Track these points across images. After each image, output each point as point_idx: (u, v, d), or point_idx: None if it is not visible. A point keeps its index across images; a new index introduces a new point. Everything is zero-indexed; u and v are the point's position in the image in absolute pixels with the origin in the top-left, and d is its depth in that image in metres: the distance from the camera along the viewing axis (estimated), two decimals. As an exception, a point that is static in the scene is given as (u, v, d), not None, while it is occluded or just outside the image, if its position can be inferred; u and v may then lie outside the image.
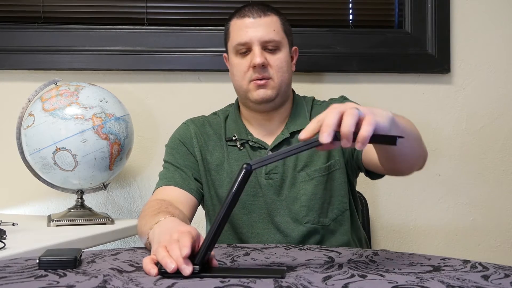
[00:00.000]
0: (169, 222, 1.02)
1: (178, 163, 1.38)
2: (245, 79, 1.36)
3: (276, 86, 1.35)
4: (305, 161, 1.37)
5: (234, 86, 1.42)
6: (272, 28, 1.35)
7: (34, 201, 1.84)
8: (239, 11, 1.39)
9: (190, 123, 1.45)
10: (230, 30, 1.39)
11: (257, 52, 1.33)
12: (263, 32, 1.34)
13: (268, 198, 1.36)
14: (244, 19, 1.36)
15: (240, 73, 1.36)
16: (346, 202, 1.39)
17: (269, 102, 1.36)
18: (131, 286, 0.79)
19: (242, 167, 0.83)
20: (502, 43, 1.91)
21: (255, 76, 1.34)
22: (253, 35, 1.34)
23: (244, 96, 1.39)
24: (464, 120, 1.91)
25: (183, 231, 0.90)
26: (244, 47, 1.35)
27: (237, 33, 1.36)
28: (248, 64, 1.35)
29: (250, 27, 1.34)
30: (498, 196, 1.92)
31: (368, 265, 0.93)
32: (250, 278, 0.82)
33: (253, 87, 1.35)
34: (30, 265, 0.91)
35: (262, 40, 1.34)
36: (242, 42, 1.35)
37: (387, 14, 1.93)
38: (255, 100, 1.36)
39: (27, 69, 1.82)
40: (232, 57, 1.39)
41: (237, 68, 1.37)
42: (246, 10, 1.37)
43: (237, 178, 0.83)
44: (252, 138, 1.39)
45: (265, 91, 1.35)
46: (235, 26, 1.38)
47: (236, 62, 1.37)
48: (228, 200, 0.83)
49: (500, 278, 0.84)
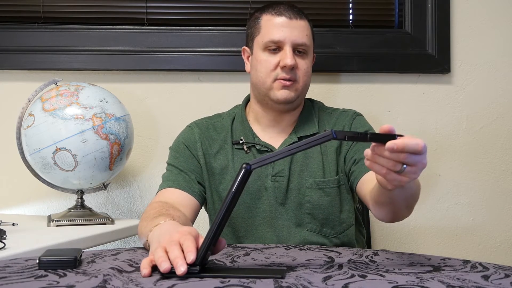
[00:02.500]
0: (169, 225, 1.02)
1: (181, 166, 1.37)
2: (270, 76, 1.35)
3: (300, 89, 1.36)
4: (315, 168, 1.36)
5: (254, 82, 1.40)
6: (305, 32, 1.36)
7: (34, 201, 1.84)
8: (273, 8, 1.38)
9: (195, 127, 1.44)
10: (262, 25, 1.37)
11: (289, 54, 1.33)
12: (298, 34, 1.34)
13: (273, 201, 1.36)
14: (280, 17, 1.35)
15: (266, 70, 1.35)
16: (352, 217, 1.39)
17: (289, 103, 1.37)
18: (131, 286, 0.79)
19: (242, 166, 0.83)
20: (502, 43, 1.91)
21: (282, 76, 1.34)
22: (288, 35, 1.33)
23: (264, 93, 1.37)
24: (464, 120, 1.91)
25: (183, 232, 0.90)
26: (276, 45, 1.34)
27: (271, 29, 1.35)
28: (276, 62, 1.34)
29: (285, 27, 1.34)
30: (498, 196, 1.92)
31: (368, 265, 0.93)
32: (250, 278, 0.82)
33: (278, 86, 1.34)
34: (30, 265, 0.91)
35: (295, 42, 1.34)
36: (276, 40, 1.34)
37: (387, 14, 1.93)
38: (277, 99, 1.35)
39: (27, 69, 1.82)
40: (259, 52, 1.37)
41: (263, 65, 1.36)
42: (282, 8, 1.36)
43: (236, 177, 0.83)
44: (259, 142, 1.39)
45: (289, 92, 1.35)
46: (269, 22, 1.36)
47: (264, 58, 1.36)
48: (227, 200, 0.83)
49: (500, 278, 0.84)
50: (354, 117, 1.42)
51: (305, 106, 1.44)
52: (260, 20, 1.38)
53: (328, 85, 1.89)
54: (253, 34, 1.40)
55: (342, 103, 1.85)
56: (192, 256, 0.84)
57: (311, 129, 1.40)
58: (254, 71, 1.39)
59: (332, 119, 1.43)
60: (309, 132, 1.39)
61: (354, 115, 1.43)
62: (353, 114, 1.43)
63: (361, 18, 1.92)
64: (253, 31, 1.40)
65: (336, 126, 1.41)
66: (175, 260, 0.84)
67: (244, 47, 1.45)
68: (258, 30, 1.38)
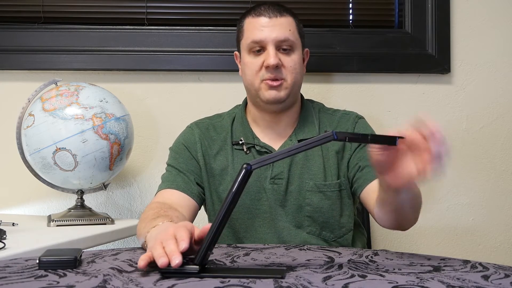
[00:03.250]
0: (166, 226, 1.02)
1: (181, 167, 1.37)
2: (257, 78, 1.35)
3: (289, 87, 1.35)
4: (316, 171, 1.36)
5: (244, 85, 1.40)
6: (287, 28, 1.34)
7: (34, 201, 1.84)
8: (254, 10, 1.37)
9: (195, 127, 1.43)
10: (245, 28, 1.37)
11: (271, 53, 1.32)
12: (279, 32, 1.33)
13: (272, 203, 1.35)
14: (259, 18, 1.35)
15: (252, 72, 1.35)
16: (352, 222, 1.39)
17: (280, 103, 1.36)
18: (131, 286, 0.79)
19: (242, 166, 0.83)
20: (502, 43, 1.91)
21: (268, 76, 1.33)
22: (268, 34, 1.32)
23: (255, 94, 1.37)
24: (464, 120, 1.91)
25: (178, 225, 0.93)
26: (258, 45, 1.34)
27: (252, 31, 1.35)
28: (261, 63, 1.34)
29: (265, 26, 1.33)
30: (498, 196, 1.92)
31: (368, 265, 0.93)
32: (250, 278, 0.82)
33: (265, 87, 1.34)
34: (30, 265, 0.91)
35: (277, 40, 1.33)
36: (257, 40, 1.33)
37: (387, 14, 1.93)
38: (266, 100, 1.35)
39: (27, 69, 1.82)
40: (245, 55, 1.37)
41: (249, 67, 1.36)
42: (262, 9, 1.36)
43: (237, 178, 0.83)
44: (259, 143, 1.38)
45: (277, 92, 1.34)
46: (250, 25, 1.36)
47: (249, 60, 1.36)
48: (228, 200, 0.83)
49: (500, 278, 0.84)
50: (357, 120, 1.42)
51: (305, 107, 1.44)
52: (243, 24, 1.38)
53: (328, 85, 1.89)
54: (239, 38, 1.40)
55: (342, 103, 1.85)
56: (184, 245, 0.85)
57: (311, 132, 1.39)
58: (243, 74, 1.40)
59: (334, 121, 1.42)
60: (309, 135, 1.38)
61: (356, 118, 1.42)
62: (355, 117, 1.42)
63: (361, 18, 1.92)
64: (238, 35, 1.41)
65: (338, 129, 1.40)
66: (171, 254, 0.84)
67: (235, 52, 1.46)
68: (242, 33, 1.38)
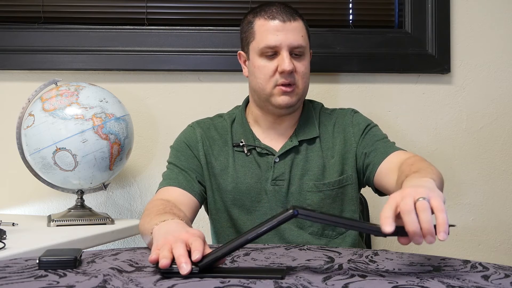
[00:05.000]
0: (177, 224, 1.02)
1: (182, 165, 1.37)
2: (270, 82, 1.33)
3: (300, 92, 1.35)
4: (315, 171, 1.36)
5: (253, 87, 1.38)
6: (300, 34, 1.33)
7: (34, 201, 1.84)
8: (265, 11, 1.34)
9: (197, 127, 1.43)
10: (256, 30, 1.34)
11: (286, 59, 1.30)
12: (293, 38, 1.31)
13: (273, 204, 1.35)
14: (274, 22, 1.32)
15: (266, 76, 1.33)
16: (356, 217, 1.38)
17: (290, 108, 1.36)
18: (131, 286, 0.79)
19: (289, 208, 0.84)
20: (502, 43, 1.91)
21: (282, 82, 1.32)
22: (283, 40, 1.31)
23: (265, 98, 1.35)
24: (464, 120, 1.91)
25: (193, 233, 0.91)
26: (272, 50, 1.32)
27: (266, 35, 1.32)
28: (274, 68, 1.32)
29: (280, 31, 1.31)
30: (498, 196, 1.92)
31: (368, 265, 0.93)
32: (250, 279, 0.82)
33: (278, 92, 1.33)
34: (30, 265, 0.91)
35: (292, 45, 1.31)
36: (271, 45, 1.31)
37: (387, 14, 1.93)
38: (278, 105, 1.34)
39: (27, 69, 1.82)
40: (255, 58, 1.35)
41: (261, 71, 1.34)
42: (274, 11, 1.33)
43: (278, 216, 0.84)
44: (259, 144, 1.38)
45: (290, 98, 1.33)
46: (262, 27, 1.33)
47: (261, 64, 1.34)
48: (259, 231, 0.84)
49: (500, 278, 0.84)
50: (353, 114, 1.43)
51: (305, 107, 1.44)
52: (254, 25, 1.35)
53: (328, 85, 1.89)
54: (248, 39, 1.37)
55: (342, 103, 1.85)
56: (198, 255, 0.84)
57: (311, 132, 1.39)
58: (252, 77, 1.37)
59: (332, 120, 1.43)
60: (310, 136, 1.39)
61: (352, 112, 1.44)
62: (351, 112, 1.44)
63: (361, 18, 1.92)
64: (247, 36, 1.37)
65: (336, 126, 1.41)
66: (179, 258, 0.83)
67: (240, 52, 1.43)
68: (253, 35, 1.35)
